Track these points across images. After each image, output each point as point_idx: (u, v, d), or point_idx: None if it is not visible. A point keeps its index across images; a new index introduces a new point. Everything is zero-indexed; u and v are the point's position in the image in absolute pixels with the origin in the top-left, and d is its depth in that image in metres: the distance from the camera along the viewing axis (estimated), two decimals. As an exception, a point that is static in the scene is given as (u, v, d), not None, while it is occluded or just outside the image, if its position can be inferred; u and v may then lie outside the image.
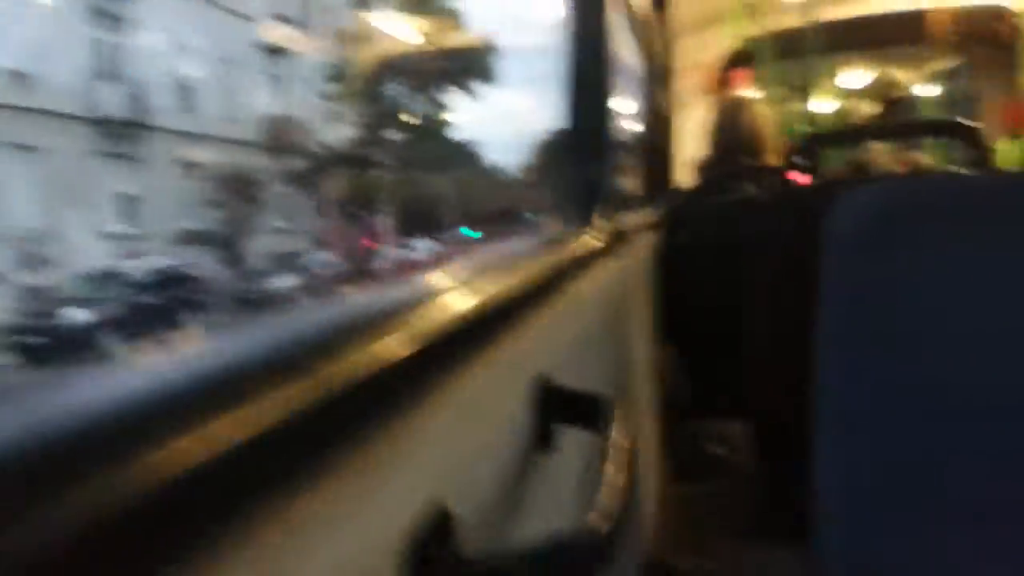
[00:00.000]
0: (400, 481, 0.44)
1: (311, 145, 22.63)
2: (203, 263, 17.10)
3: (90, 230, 17.40)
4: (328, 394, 0.36)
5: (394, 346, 0.45)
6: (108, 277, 14.79)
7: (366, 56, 24.18)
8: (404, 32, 25.96)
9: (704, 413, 2.87)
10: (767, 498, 2.43)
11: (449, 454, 0.55)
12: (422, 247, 25.21)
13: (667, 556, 1.99)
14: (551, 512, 0.86)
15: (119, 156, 19.21)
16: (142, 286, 14.78)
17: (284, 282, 17.52)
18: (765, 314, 2.38)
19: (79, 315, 13.13)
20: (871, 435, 1.16)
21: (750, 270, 2.46)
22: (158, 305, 14.32)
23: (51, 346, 12.16)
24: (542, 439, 0.81)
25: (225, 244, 18.06)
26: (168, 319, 13.87)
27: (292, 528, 0.31)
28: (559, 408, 0.83)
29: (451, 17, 26.98)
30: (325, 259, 20.45)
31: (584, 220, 1.47)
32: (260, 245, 19.76)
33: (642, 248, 2.31)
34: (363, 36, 24.06)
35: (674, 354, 2.96)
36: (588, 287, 1.18)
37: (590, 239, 1.35)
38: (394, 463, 0.43)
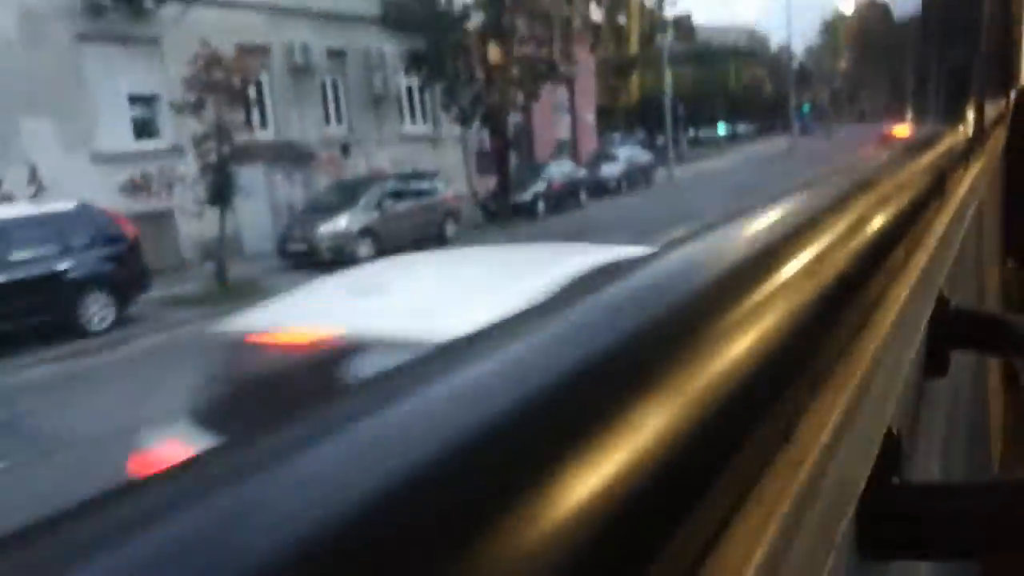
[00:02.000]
0: (869, 407, 0.45)
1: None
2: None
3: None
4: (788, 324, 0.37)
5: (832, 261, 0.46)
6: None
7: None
8: None
9: None
10: None
11: (889, 378, 0.53)
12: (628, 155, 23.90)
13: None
14: (935, 436, 0.83)
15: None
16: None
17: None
18: None
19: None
20: None
21: None
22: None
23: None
24: (937, 363, 0.77)
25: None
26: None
27: (802, 457, 0.34)
28: (955, 330, 0.78)
29: None
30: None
31: (953, 114, 1.32)
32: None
33: (996, 148, 2.05)
34: None
35: (1019, 273, 2.74)
36: (963, 191, 1.06)
37: (962, 136, 1.22)
38: (862, 388, 0.44)
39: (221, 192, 11.91)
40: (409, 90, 19.04)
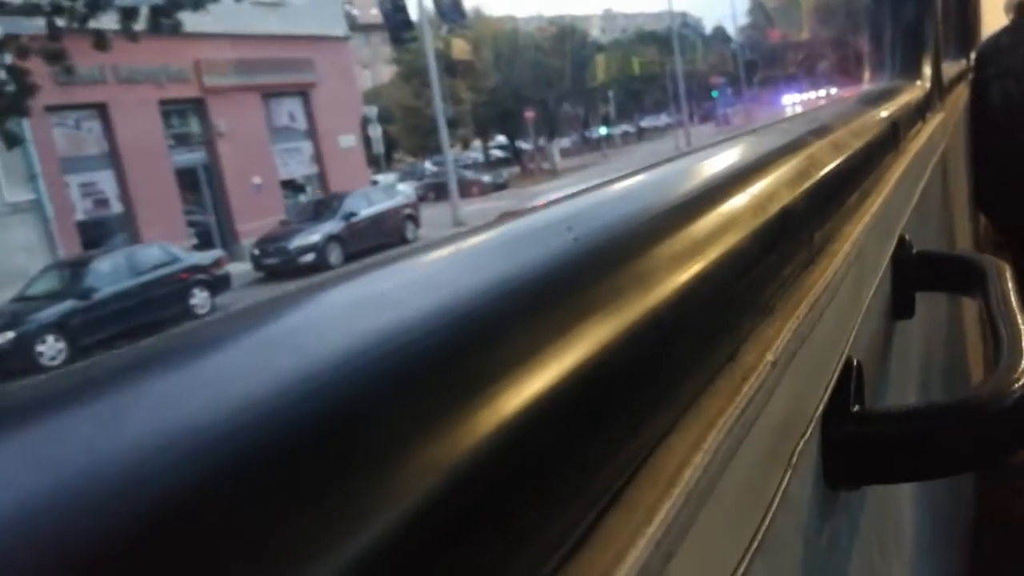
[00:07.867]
0: (823, 336, 0.46)
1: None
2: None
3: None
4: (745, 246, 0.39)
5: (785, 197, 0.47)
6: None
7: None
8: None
9: None
10: None
11: (844, 311, 0.55)
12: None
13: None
14: (910, 376, 0.87)
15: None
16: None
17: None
18: None
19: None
20: None
21: None
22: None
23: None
24: (903, 304, 0.81)
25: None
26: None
27: (745, 375, 0.36)
28: (919, 272, 0.81)
29: None
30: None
31: (909, 71, 1.37)
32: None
33: (959, 103, 2.10)
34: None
35: (989, 226, 2.72)
36: (920, 143, 1.09)
37: (919, 90, 1.27)
38: (814, 318, 0.45)
39: None
40: None
